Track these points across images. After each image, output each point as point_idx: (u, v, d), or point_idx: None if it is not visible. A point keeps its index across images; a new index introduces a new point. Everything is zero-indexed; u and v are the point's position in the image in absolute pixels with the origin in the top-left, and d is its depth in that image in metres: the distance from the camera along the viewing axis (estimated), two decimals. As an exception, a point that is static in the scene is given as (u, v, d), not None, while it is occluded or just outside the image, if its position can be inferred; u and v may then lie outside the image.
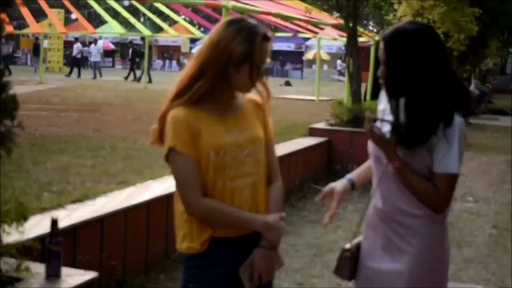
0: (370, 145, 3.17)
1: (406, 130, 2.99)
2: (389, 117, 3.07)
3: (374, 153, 3.16)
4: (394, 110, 3.06)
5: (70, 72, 34.69)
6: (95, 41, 38.07)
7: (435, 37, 3.11)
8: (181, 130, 2.83)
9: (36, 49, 41.32)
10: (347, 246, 3.26)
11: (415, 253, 3.09)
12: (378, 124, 3.04)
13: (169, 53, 58.49)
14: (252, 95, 3.08)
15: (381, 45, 3.10)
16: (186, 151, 2.83)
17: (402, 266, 3.10)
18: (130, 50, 36.66)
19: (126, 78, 34.10)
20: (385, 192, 3.13)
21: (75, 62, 36.22)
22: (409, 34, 3.07)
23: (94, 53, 36.64)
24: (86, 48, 39.70)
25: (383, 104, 3.24)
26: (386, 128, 3.04)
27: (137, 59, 35.07)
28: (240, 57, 2.82)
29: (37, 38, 41.33)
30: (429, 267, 3.14)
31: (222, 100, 2.94)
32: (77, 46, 37.29)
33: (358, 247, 3.26)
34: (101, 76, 35.61)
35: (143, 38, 35.89)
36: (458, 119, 3.01)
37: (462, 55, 22.61)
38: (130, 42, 39.68)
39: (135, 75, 33.67)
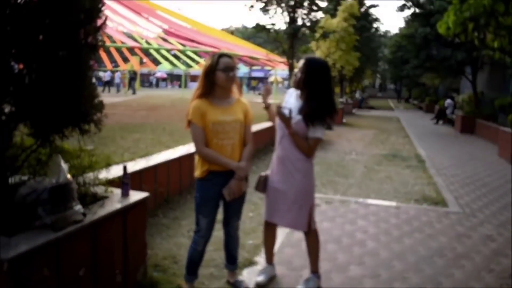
0: (277, 122, 3.26)
1: (309, 115, 3.10)
2: (287, 106, 3.17)
3: (278, 125, 3.26)
4: (303, 100, 3.16)
5: (133, 91, 29.32)
6: (116, 71, 32.31)
7: (328, 68, 3.23)
8: (196, 111, 2.93)
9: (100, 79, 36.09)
10: (262, 174, 3.38)
11: (299, 179, 3.21)
12: (283, 110, 3.12)
13: (196, 79, 56.66)
14: (241, 98, 3.15)
15: (302, 62, 3.20)
16: (197, 123, 2.93)
17: (292, 186, 3.22)
18: (129, 77, 31.04)
19: (126, 92, 28.72)
20: (284, 146, 3.22)
21: (130, 81, 30.33)
22: (320, 62, 3.20)
23: (116, 78, 32.29)
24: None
25: (286, 97, 3.35)
26: (286, 111, 3.12)
27: (132, 82, 30.12)
28: (210, 67, 2.94)
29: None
30: (306, 186, 3.25)
31: (219, 95, 3.00)
32: (108, 74, 32.16)
33: (267, 175, 3.37)
34: (119, 91, 30.39)
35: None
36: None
37: (351, 78, 22.75)
38: (129, 72, 31.64)
39: (133, 90, 28.97)
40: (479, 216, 5.55)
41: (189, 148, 6.39)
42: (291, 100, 3.24)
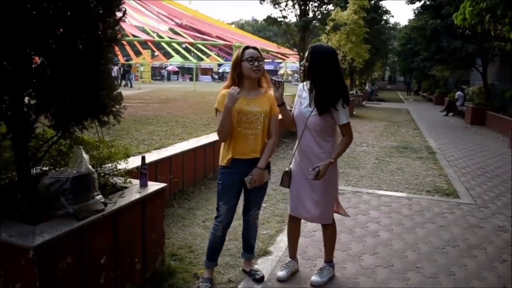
0: (296, 115, 3.16)
1: (318, 103, 3.02)
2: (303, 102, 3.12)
3: (298, 119, 3.16)
4: (312, 89, 3.07)
5: (121, 84, 27.46)
6: (115, 64, 30.52)
7: (335, 54, 3.10)
8: (222, 100, 2.94)
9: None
10: (287, 169, 3.29)
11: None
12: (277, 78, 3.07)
13: (207, 72, 55.91)
14: (270, 92, 3.11)
15: (308, 51, 3.08)
16: (222, 111, 2.92)
17: (317, 180, 3.11)
18: (121, 69, 29.39)
19: (119, 85, 24.80)
20: (306, 140, 3.14)
21: (125, 74, 29.39)
22: (324, 49, 3.08)
23: (115, 71, 28.69)
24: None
25: (299, 93, 3.22)
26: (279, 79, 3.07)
27: (126, 75, 29.21)
28: (236, 59, 2.99)
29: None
30: (331, 178, 3.20)
31: (247, 86, 3.01)
32: (116, 68, 28.88)
33: (291, 169, 3.29)
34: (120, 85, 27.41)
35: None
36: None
37: (361, 70, 22.52)
38: (122, 65, 29.62)
39: (126, 83, 28.10)
40: (491, 207, 5.50)
41: (202, 140, 6.41)
42: (304, 94, 3.14)
